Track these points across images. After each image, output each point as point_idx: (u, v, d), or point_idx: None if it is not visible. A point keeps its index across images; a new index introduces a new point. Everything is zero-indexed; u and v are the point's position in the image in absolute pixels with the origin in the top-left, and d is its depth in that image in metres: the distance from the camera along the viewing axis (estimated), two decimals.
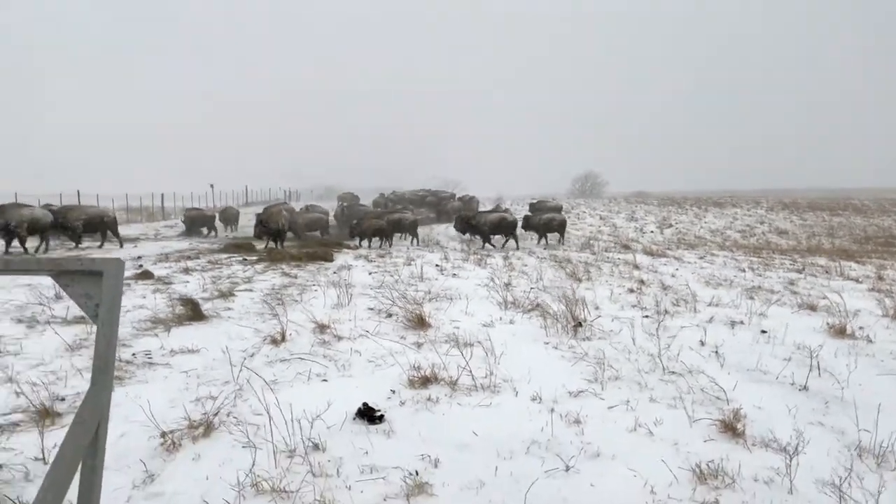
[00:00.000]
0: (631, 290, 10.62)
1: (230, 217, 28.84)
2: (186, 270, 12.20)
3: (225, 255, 15.79)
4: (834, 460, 3.99)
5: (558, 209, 33.59)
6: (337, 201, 39.22)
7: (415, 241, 22.56)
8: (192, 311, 7.48)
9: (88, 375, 3.45)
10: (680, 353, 6.41)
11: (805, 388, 5.41)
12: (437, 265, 13.80)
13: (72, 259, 2.17)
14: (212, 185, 45.75)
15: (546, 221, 22.80)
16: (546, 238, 22.68)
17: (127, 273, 11.74)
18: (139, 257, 15.25)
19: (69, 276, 2.16)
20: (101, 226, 18.85)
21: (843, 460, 3.99)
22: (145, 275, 11.33)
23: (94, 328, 2.02)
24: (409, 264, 13.62)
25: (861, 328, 7.64)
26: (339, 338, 6.71)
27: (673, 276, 12.85)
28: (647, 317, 8.41)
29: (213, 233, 25.70)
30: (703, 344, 6.96)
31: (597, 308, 8.88)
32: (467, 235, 22.79)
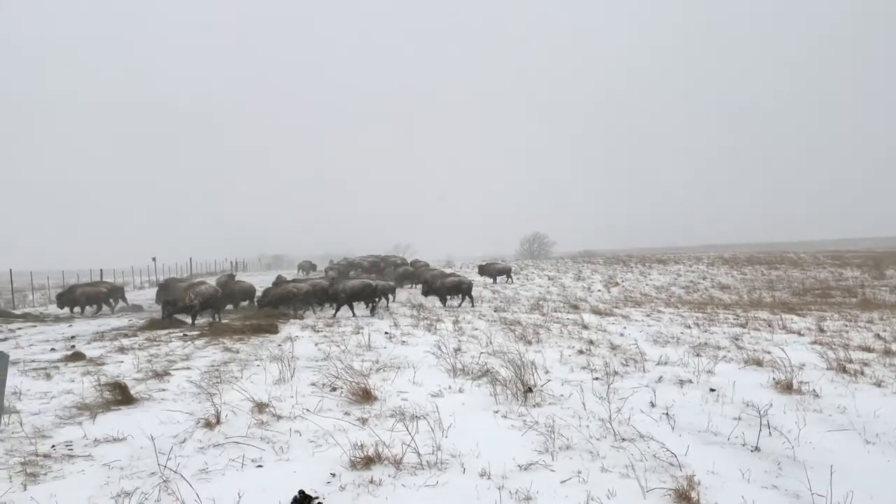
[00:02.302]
0: (581, 352, 10.54)
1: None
2: (121, 349, 11.62)
3: (164, 332, 15.17)
4: None
5: (507, 270, 33.82)
6: (298, 270, 41.07)
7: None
8: (121, 395, 7.04)
9: None
10: (631, 417, 6.30)
11: (757, 448, 5.33)
12: (386, 332, 13.52)
13: None
14: (154, 259, 44.61)
15: (453, 284, 23.19)
16: (445, 301, 22.94)
17: (56, 355, 11.13)
18: (72, 337, 14.51)
19: None
20: None
21: None
22: (76, 356, 10.73)
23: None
24: (358, 333, 13.30)
25: (806, 383, 7.69)
26: (279, 417, 6.37)
27: (621, 334, 12.87)
28: (596, 379, 8.31)
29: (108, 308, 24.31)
30: (653, 405, 6.87)
31: (547, 372, 8.76)
32: (419, 300, 23.04)
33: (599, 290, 29.48)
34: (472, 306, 21.80)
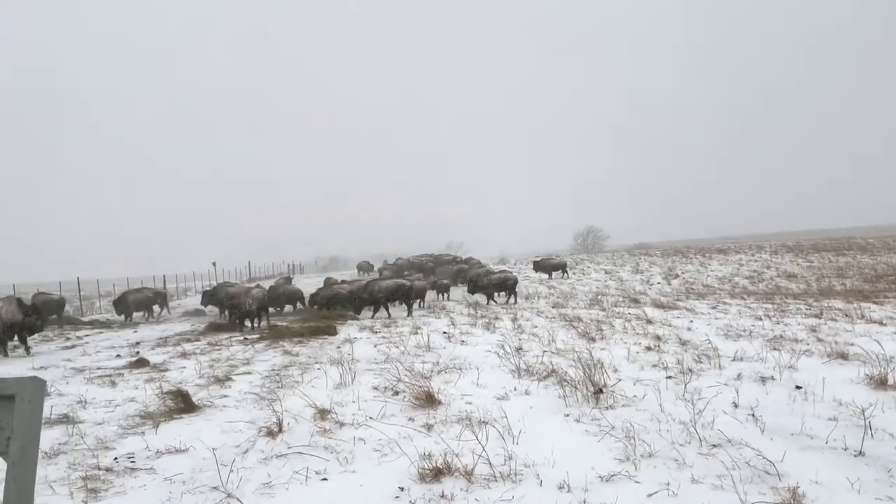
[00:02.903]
0: (649, 348, 10.07)
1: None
2: (184, 355, 11.69)
3: (225, 336, 15.29)
4: None
5: (563, 265, 33.22)
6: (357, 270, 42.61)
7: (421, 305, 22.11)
8: (184, 403, 6.96)
9: None
10: (715, 420, 5.85)
11: (861, 453, 4.85)
12: (444, 332, 13.27)
13: None
14: (214, 264, 45.52)
15: (499, 281, 22.71)
16: (495, 297, 22.46)
17: (121, 361, 11.26)
18: (137, 343, 14.73)
19: None
20: (56, 310, 17.78)
21: None
22: (140, 362, 10.83)
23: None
24: (416, 333, 13.08)
25: None
26: (342, 424, 6.15)
27: (689, 329, 12.31)
28: (670, 377, 7.86)
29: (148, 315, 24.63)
30: (736, 406, 6.41)
31: (615, 371, 8.34)
32: (474, 297, 22.69)
33: (659, 283, 28.64)
34: (515, 303, 21.52)
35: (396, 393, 7.36)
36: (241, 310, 17.16)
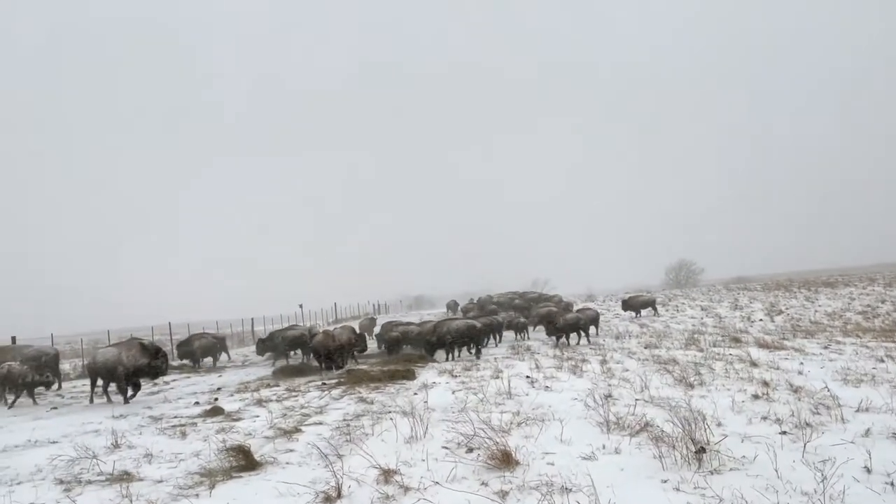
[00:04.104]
0: (756, 396, 9.00)
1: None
2: (259, 402, 11.46)
3: (304, 380, 15.09)
4: None
5: (651, 302, 31.66)
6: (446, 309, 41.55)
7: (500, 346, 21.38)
8: (245, 460, 6.58)
9: None
10: (846, 490, 4.90)
11: None
12: (527, 376, 12.52)
13: None
14: (301, 306, 46.37)
15: (573, 322, 21.18)
16: (568, 338, 20.82)
17: (197, 409, 11.15)
18: (218, 389, 14.74)
19: None
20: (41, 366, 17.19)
21: None
22: (215, 411, 10.66)
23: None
24: (497, 377, 12.38)
25: None
26: (407, 489, 5.55)
27: (800, 372, 11.05)
28: (784, 433, 6.86)
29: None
30: (869, 472, 5.41)
31: (719, 424, 7.39)
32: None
33: (761, 320, 26.70)
34: (588, 343, 20.17)
35: (471, 450, 6.70)
36: (322, 353, 16.92)
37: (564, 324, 21.00)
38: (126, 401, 13.10)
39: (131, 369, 13.19)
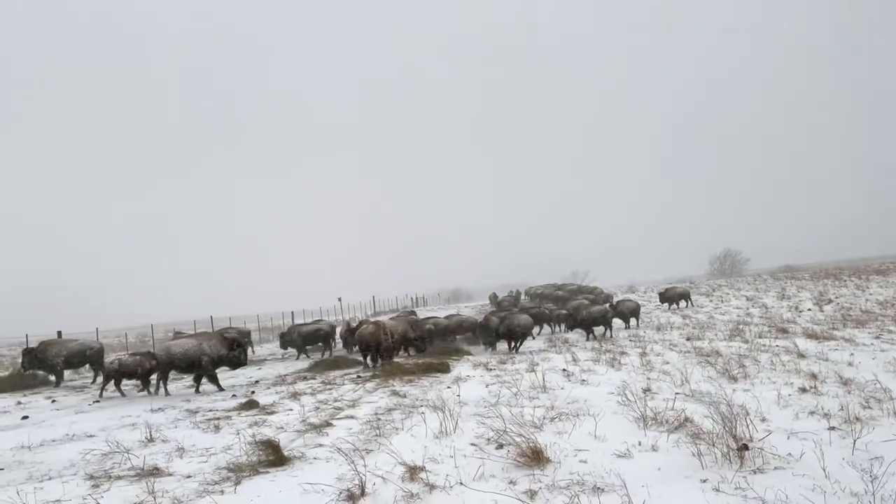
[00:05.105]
0: (803, 390, 8.63)
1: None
2: (294, 395, 11.45)
3: (340, 373, 15.10)
4: None
5: (686, 294, 30.78)
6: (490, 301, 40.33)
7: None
8: (273, 455, 6.52)
9: None
10: None
11: None
12: (563, 370, 12.28)
13: None
14: (339, 299, 46.63)
15: (599, 314, 20.43)
16: (593, 332, 20.16)
17: (233, 402, 11.19)
18: (256, 382, 14.83)
19: None
20: (85, 360, 17.83)
21: None
22: (250, 404, 10.68)
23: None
24: (532, 371, 12.16)
25: None
26: (432, 487, 5.40)
27: (850, 364, 10.58)
28: (832, 429, 6.52)
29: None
30: None
31: (763, 420, 7.08)
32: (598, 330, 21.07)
33: (810, 310, 25.75)
34: (611, 336, 19.34)
35: (501, 446, 6.52)
36: (374, 347, 16.27)
37: (587, 316, 20.30)
38: (197, 390, 13.59)
39: (215, 359, 13.51)
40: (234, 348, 13.83)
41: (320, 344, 21.99)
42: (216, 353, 13.43)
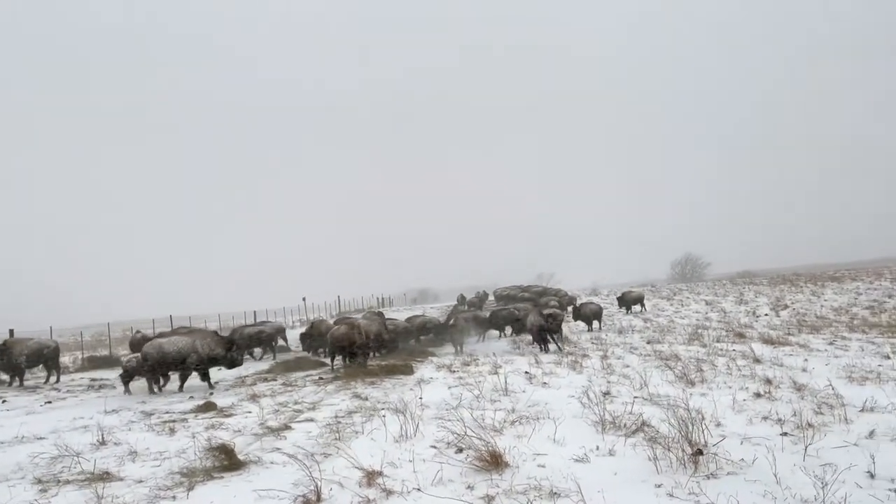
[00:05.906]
0: (758, 395, 8.78)
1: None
2: (253, 397, 11.28)
3: (302, 374, 14.95)
4: None
5: (640, 298, 31.07)
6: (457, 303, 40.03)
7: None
8: (227, 460, 6.40)
9: None
10: (847, 498, 4.67)
11: None
12: (525, 372, 12.32)
13: None
14: (304, 299, 46.22)
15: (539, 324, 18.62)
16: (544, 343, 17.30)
17: (191, 404, 10.98)
18: (216, 383, 14.58)
19: None
20: (41, 359, 17.28)
21: None
22: (208, 406, 10.50)
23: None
24: (495, 373, 12.18)
25: None
26: (389, 493, 5.35)
27: (804, 370, 10.80)
28: (785, 434, 6.64)
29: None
30: (872, 477, 5.19)
31: (718, 424, 7.18)
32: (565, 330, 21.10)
33: (767, 315, 26.34)
34: (559, 349, 16.70)
35: (460, 450, 6.50)
36: (348, 348, 15.92)
37: (531, 325, 18.00)
38: (211, 385, 13.49)
39: (205, 357, 13.29)
40: (230, 348, 13.74)
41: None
42: (208, 352, 13.32)
